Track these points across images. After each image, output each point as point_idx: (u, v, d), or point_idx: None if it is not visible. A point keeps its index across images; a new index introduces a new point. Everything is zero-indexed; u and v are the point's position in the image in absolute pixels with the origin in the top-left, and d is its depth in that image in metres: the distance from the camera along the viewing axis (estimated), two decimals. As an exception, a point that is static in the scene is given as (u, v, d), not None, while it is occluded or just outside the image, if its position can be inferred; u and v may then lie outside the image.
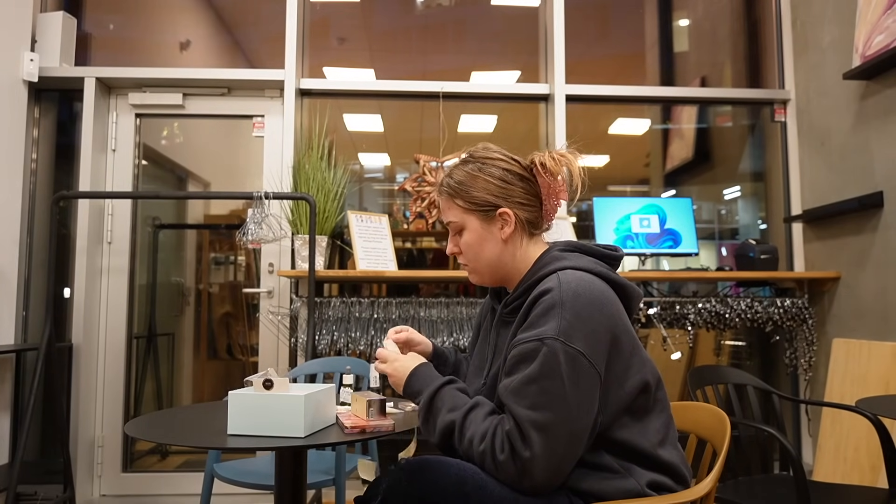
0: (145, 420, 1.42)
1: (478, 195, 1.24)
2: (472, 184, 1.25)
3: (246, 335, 3.13)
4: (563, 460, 1.06)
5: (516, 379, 1.09)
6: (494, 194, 1.23)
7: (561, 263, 1.18)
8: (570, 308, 1.08)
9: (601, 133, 3.37)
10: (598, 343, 1.09)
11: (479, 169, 1.25)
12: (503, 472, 1.06)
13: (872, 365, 2.52)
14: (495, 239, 1.25)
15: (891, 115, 2.58)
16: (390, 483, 1.09)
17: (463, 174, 1.26)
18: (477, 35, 3.39)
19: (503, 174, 1.24)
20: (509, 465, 1.06)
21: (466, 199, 1.25)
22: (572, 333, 1.07)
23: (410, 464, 1.10)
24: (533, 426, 1.04)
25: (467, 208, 1.25)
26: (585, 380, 1.07)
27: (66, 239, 3.04)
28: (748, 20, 3.48)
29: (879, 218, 2.63)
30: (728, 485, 1.90)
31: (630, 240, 2.95)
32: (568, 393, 1.05)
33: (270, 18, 3.20)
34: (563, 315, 1.08)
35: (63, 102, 3.16)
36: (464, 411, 1.13)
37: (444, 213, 1.29)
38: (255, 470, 2.10)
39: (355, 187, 3.24)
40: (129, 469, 3.04)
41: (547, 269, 1.18)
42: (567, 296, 1.10)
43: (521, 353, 1.10)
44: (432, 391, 1.19)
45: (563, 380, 1.05)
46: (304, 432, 1.24)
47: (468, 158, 1.28)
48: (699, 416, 1.40)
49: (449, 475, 1.07)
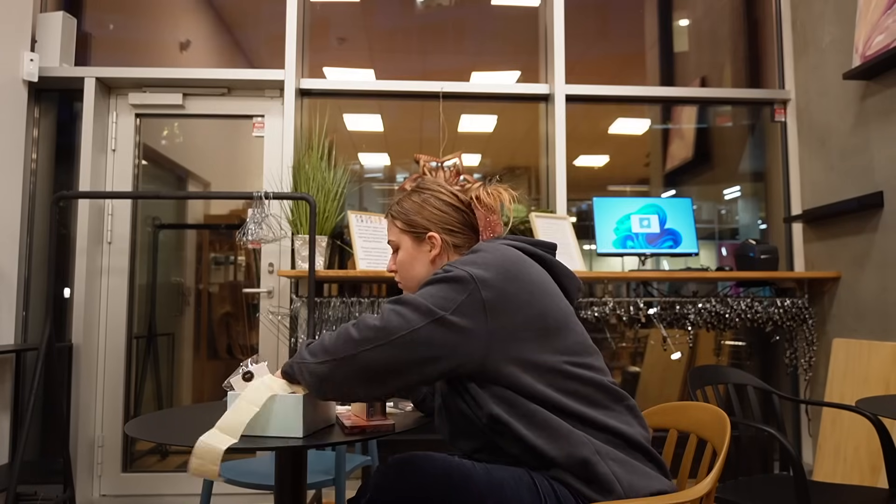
0: (145, 420, 1.41)
1: (414, 219, 1.40)
2: (410, 207, 1.41)
3: (246, 335, 3.13)
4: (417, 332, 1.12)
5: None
6: (428, 219, 1.38)
7: (487, 243, 1.31)
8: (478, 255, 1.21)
9: (601, 133, 3.37)
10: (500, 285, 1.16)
11: (421, 198, 1.41)
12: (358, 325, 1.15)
13: (872, 365, 2.52)
14: (424, 259, 1.39)
15: (891, 115, 2.58)
16: (377, 480, 1.10)
17: (408, 202, 1.42)
18: (477, 35, 3.39)
19: (440, 204, 1.39)
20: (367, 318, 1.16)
21: (404, 221, 1.41)
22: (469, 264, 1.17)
23: (396, 459, 1.12)
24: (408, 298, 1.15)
25: (403, 229, 1.41)
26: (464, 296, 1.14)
27: (66, 239, 3.04)
28: (748, 20, 3.47)
29: (879, 218, 2.63)
30: (728, 485, 1.90)
31: (630, 240, 2.95)
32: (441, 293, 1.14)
33: (270, 18, 3.20)
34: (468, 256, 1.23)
35: (63, 102, 3.16)
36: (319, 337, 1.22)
37: (388, 233, 1.46)
38: (255, 470, 2.10)
39: (355, 187, 3.24)
40: (129, 469, 3.04)
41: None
42: (479, 248, 1.26)
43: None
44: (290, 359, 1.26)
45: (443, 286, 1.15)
46: (304, 433, 1.24)
47: (417, 188, 1.44)
48: (699, 416, 1.40)
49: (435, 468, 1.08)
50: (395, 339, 1.11)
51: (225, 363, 3.15)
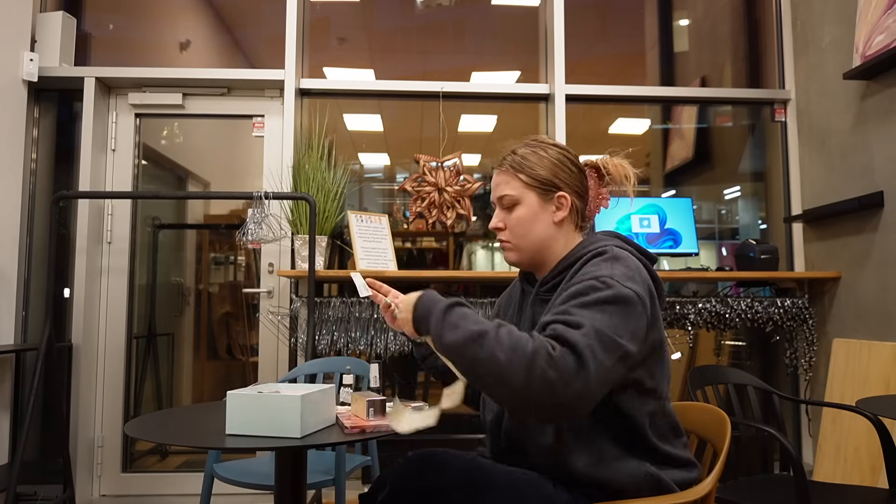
0: (145, 420, 1.41)
1: (542, 173, 1.25)
2: (537, 162, 1.26)
3: (246, 335, 3.13)
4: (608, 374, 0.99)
5: (568, 304, 1.05)
6: (557, 176, 1.25)
7: (605, 243, 1.21)
8: (623, 262, 1.11)
9: (601, 133, 3.37)
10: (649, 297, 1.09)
11: (545, 151, 1.27)
12: (556, 366, 0.94)
13: (872, 365, 2.51)
14: (548, 220, 1.25)
15: (891, 115, 2.57)
16: (397, 475, 1.10)
17: (529, 152, 1.27)
18: (477, 35, 3.39)
19: (564, 160, 1.27)
20: (564, 356, 0.95)
21: (530, 174, 1.25)
22: (628, 279, 1.08)
23: (417, 454, 1.11)
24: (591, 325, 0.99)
25: (529, 184, 1.25)
26: (637, 320, 1.04)
27: (66, 239, 3.04)
28: (748, 20, 3.47)
29: (879, 218, 2.63)
30: (728, 485, 1.90)
31: (630, 240, 2.94)
32: (623, 323, 1.02)
33: (270, 18, 3.20)
34: (616, 265, 1.10)
35: (63, 102, 3.16)
36: (495, 324, 1.01)
37: (500, 187, 1.28)
38: (255, 470, 2.10)
39: (355, 187, 3.24)
40: (129, 469, 3.04)
41: (594, 245, 1.20)
42: (620, 254, 1.14)
43: (574, 291, 1.07)
44: (448, 304, 1.06)
45: (620, 311, 1.03)
46: (301, 433, 1.24)
47: (532, 142, 1.30)
48: (699, 416, 1.40)
49: (454, 464, 1.08)
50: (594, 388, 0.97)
51: (225, 363, 3.15)
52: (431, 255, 3.32)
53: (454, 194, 3.03)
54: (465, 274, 2.88)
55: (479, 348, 0.97)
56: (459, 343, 0.98)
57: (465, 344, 0.98)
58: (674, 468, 1.17)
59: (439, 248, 3.32)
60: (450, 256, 3.29)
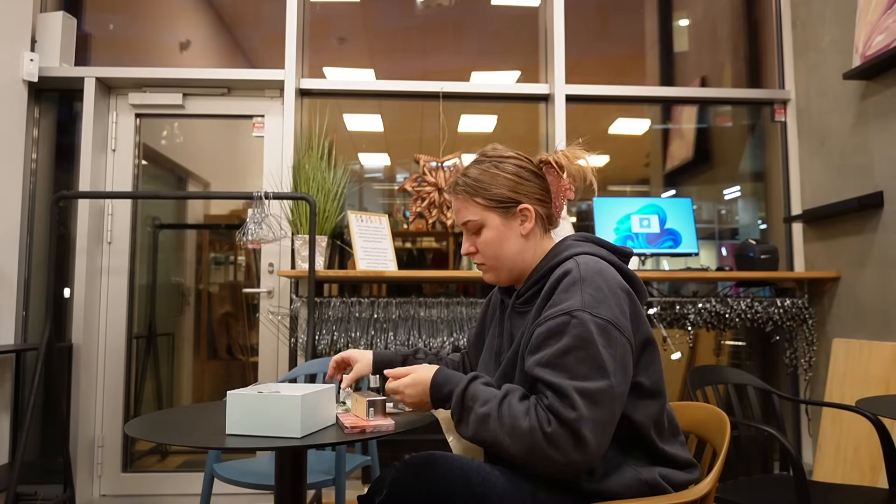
0: (145, 420, 1.41)
1: (497, 192, 1.24)
2: (490, 181, 1.25)
3: (246, 335, 3.13)
4: (607, 425, 1.04)
5: (548, 353, 1.07)
6: (514, 190, 1.24)
7: (577, 249, 1.20)
8: (591, 283, 1.10)
9: (601, 133, 3.37)
10: (623, 315, 1.10)
11: (496, 166, 1.26)
12: (555, 444, 1.02)
13: (872, 365, 2.51)
14: (516, 235, 1.25)
15: (891, 115, 2.57)
16: (395, 478, 1.09)
17: (479, 172, 1.26)
18: (477, 35, 3.39)
19: (518, 171, 1.25)
20: (560, 434, 1.02)
21: (486, 196, 1.24)
22: (597, 305, 1.08)
23: (415, 458, 1.10)
24: (576, 391, 1.02)
25: (487, 206, 1.24)
26: (618, 348, 1.07)
27: (66, 239, 3.04)
28: (748, 20, 3.47)
29: (879, 218, 2.63)
30: (728, 485, 1.90)
31: (630, 240, 2.95)
32: (605, 360, 1.05)
33: (270, 18, 3.20)
34: (585, 290, 1.10)
35: (63, 102, 3.16)
36: (497, 400, 1.09)
37: (461, 213, 1.28)
38: (255, 470, 2.10)
39: (355, 187, 3.24)
40: (129, 469, 3.04)
41: (563, 255, 1.20)
42: (587, 273, 1.12)
43: (549, 329, 1.09)
44: (461, 389, 1.14)
45: (598, 348, 1.05)
46: (301, 433, 1.24)
47: (481, 158, 1.29)
48: (699, 416, 1.40)
49: (453, 469, 1.07)
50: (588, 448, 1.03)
51: (225, 363, 3.15)
52: (431, 255, 3.32)
53: (454, 194, 3.03)
54: (464, 274, 2.88)
55: (486, 433, 1.08)
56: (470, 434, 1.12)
57: (476, 432, 1.11)
58: (677, 469, 1.17)
59: (439, 248, 3.32)
60: (450, 256, 3.29)
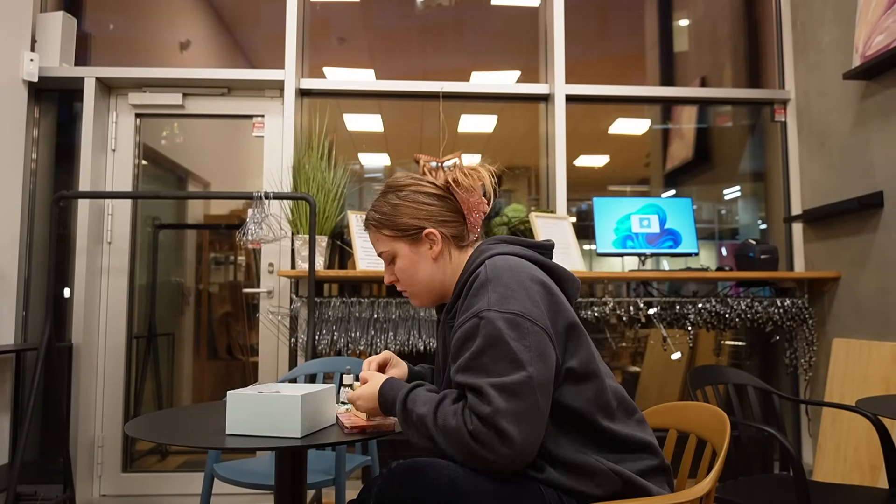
0: (145, 420, 1.41)
1: (402, 221, 1.29)
2: (392, 212, 1.30)
3: (246, 335, 3.13)
4: (530, 415, 1.05)
5: (465, 358, 1.11)
6: (417, 217, 1.29)
7: (487, 253, 1.23)
8: (497, 282, 1.14)
9: (601, 133, 3.37)
10: (535, 305, 1.12)
11: (398, 197, 1.31)
12: (480, 441, 1.04)
13: (872, 365, 2.52)
14: (426, 260, 1.30)
15: (891, 115, 2.58)
16: (381, 486, 1.09)
17: (383, 204, 1.32)
18: (477, 35, 3.39)
19: (419, 197, 1.30)
20: (481, 430, 1.04)
21: (391, 227, 1.30)
22: (504, 301, 1.11)
23: (402, 466, 1.10)
24: (491, 387, 1.05)
25: (394, 236, 1.30)
26: (531, 337, 1.08)
27: (66, 239, 3.04)
28: (748, 20, 3.47)
29: (879, 218, 2.63)
30: (728, 485, 1.90)
31: (630, 240, 2.95)
32: (518, 352, 1.06)
33: (270, 18, 3.20)
34: (492, 289, 1.13)
35: (63, 102, 3.16)
36: (434, 403, 1.13)
37: (375, 246, 1.34)
38: (255, 470, 2.10)
39: (355, 187, 3.24)
40: (129, 469, 3.04)
41: (476, 262, 1.23)
42: (492, 272, 1.15)
43: (462, 334, 1.13)
44: (403, 395, 1.18)
45: (509, 343, 1.07)
46: (302, 433, 1.24)
47: (386, 190, 1.34)
48: (699, 416, 1.40)
49: (440, 476, 1.07)
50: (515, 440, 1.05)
51: (225, 363, 3.15)
52: (431, 255, 3.32)
53: (454, 194, 3.03)
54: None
55: (426, 434, 1.12)
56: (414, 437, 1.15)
57: (418, 434, 1.14)
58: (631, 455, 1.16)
59: (439, 248, 3.31)
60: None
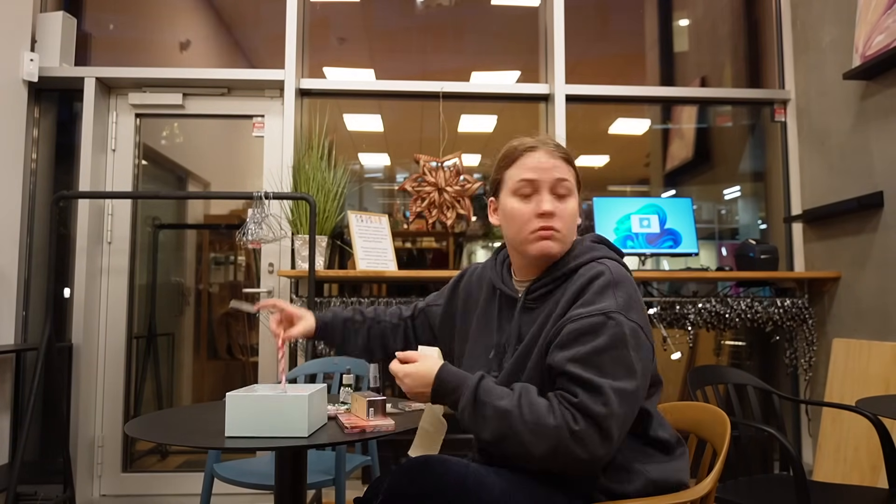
0: (145, 420, 1.41)
1: (576, 171, 1.28)
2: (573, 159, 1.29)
3: (246, 335, 3.13)
4: (627, 424, 1.09)
5: (582, 350, 1.08)
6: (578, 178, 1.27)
7: (600, 253, 1.23)
8: (623, 288, 1.14)
9: (601, 133, 3.37)
10: (647, 322, 1.16)
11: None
12: (582, 442, 1.02)
13: (872, 365, 2.51)
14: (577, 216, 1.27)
15: (891, 115, 2.57)
16: (392, 482, 1.09)
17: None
18: (477, 35, 3.39)
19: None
20: (588, 431, 1.03)
21: (575, 170, 1.27)
22: (629, 310, 1.12)
23: (411, 463, 1.10)
24: (612, 390, 1.05)
25: (576, 180, 1.27)
26: (644, 351, 1.12)
27: (66, 239, 3.04)
28: (748, 20, 3.47)
29: (879, 218, 2.63)
30: (728, 485, 1.90)
31: (630, 240, 2.95)
32: (634, 362, 1.09)
33: (270, 18, 3.20)
34: (618, 294, 1.13)
35: (63, 102, 3.16)
36: (516, 397, 1.08)
37: (558, 170, 1.23)
38: (255, 470, 2.10)
39: (355, 187, 3.24)
40: (129, 469, 3.04)
41: (587, 257, 1.21)
42: (619, 278, 1.16)
43: (583, 327, 1.10)
44: (474, 385, 1.11)
45: (629, 350, 1.09)
46: (308, 431, 1.24)
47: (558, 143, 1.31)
48: (699, 416, 1.40)
49: (449, 473, 1.07)
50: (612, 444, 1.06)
51: (225, 363, 3.15)
52: (431, 255, 3.32)
53: (454, 194, 3.03)
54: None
55: (507, 430, 1.06)
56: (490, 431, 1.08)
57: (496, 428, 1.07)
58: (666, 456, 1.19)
59: (439, 248, 3.32)
60: (450, 256, 3.29)
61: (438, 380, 1.15)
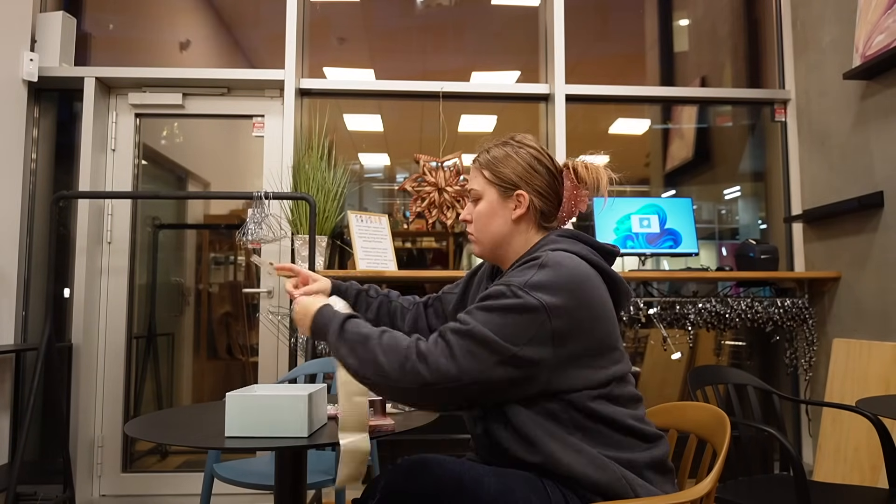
0: (145, 420, 1.41)
1: (503, 172, 1.30)
2: (502, 161, 1.31)
3: (246, 335, 3.13)
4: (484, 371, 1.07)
5: (473, 306, 1.14)
6: (519, 175, 1.29)
7: (555, 245, 1.23)
8: (546, 272, 1.13)
9: (601, 133, 3.37)
10: (569, 311, 1.11)
11: (514, 150, 1.32)
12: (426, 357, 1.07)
13: (872, 365, 2.51)
14: (506, 217, 1.29)
15: (891, 115, 2.57)
16: (388, 481, 1.10)
17: (497, 151, 1.33)
18: (477, 35, 3.39)
19: (532, 161, 1.31)
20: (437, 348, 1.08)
21: (493, 172, 1.30)
22: (539, 288, 1.10)
23: (407, 462, 1.11)
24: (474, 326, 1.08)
25: (490, 180, 1.30)
26: (536, 327, 1.09)
27: (66, 239, 3.04)
28: (748, 20, 3.47)
29: (879, 218, 2.63)
30: (728, 485, 1.90)
31: (630, 240, 2.95)
32: (512, 329, 1.08)
33: (270, 18, 3.20)
34: (539, 272, 1.13)
35: (63, 102, 3.16)
36: (380, 329, 1.15)
37: (470, 182, 1.35)
38: (255, 470, 2.10)
39: (355, 187, 3.24)
40: (129, 469, 3.04)
41: (543, 250, 1.22)
42: (549, 261, 1.15)
43: (483, 295, 1.15)
44: (344, 317, 1.18)
45: (515, 315, 1.08)
46: (308, 431, 1.24)
47: (507, 140, 1.35)
48: (699, 416, 1.40)
49: (446, 472, 1.08)
50: (466, 381, 1.07)
51: (225, 363, 3.15)
52: (431, 255, 3.32)
53: (454, 194, 3.04)
54: (464, 274, 2.88)
55: (366, 351, 1.11)
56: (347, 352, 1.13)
57: (353, 349, 1.13)
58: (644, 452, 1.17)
59: (439, 248, 3.32)
60: (450, 256, 3.29)
61: (318, 313, 1.23)
